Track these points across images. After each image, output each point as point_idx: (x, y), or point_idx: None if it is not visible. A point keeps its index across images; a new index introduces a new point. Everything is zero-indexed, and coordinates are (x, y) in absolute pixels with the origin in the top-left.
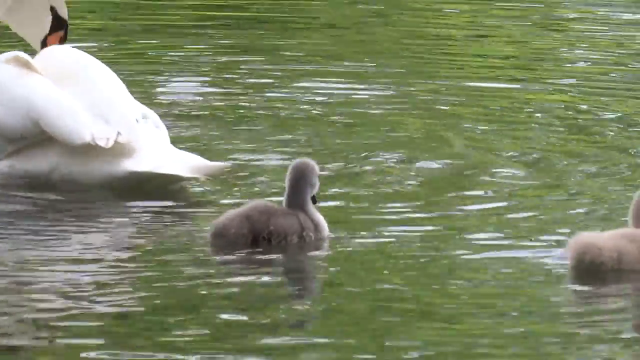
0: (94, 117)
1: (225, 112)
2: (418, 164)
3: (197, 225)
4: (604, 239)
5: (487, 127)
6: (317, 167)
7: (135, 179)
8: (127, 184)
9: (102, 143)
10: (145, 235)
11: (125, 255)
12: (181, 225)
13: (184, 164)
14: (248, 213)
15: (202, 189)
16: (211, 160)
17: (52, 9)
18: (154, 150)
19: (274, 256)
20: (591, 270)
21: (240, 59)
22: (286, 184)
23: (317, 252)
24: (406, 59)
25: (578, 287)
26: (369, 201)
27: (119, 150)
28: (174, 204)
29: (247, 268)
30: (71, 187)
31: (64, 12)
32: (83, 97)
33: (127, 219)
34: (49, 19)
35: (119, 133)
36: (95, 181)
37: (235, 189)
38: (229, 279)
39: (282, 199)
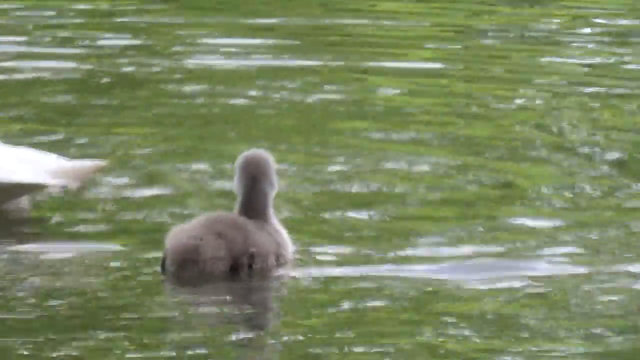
0: None
1: (69, 86)
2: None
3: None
4: None
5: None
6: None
7: None
8: None
9: None
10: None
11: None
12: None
13: (42, 167)
14: (220, 230)
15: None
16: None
17: None
18: None
19: (255, 288)
20: None
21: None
22: (239, 185)
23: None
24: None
25: None
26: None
27: None
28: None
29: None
30: None
31: None
32: None
33: None
34: None
35: None
36: None
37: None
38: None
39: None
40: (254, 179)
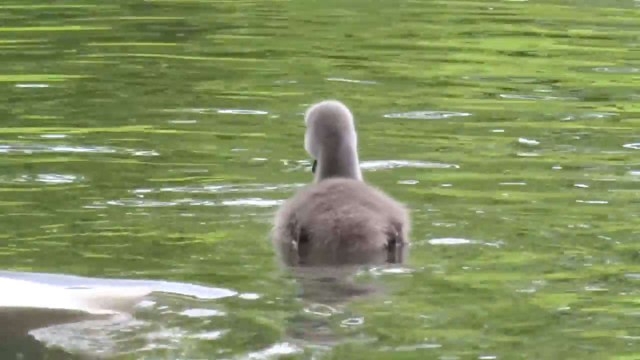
0: None
1: None
2: None
3: None
4: None
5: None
6: None
7: None
8: None
9: None
10: None
11: None
12: None
13: (77, 294)
14: (365, 199)
15: None
16: None
17: None
18: None
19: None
20: None
21: None
22: (315, 143)
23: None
24: None
25: None
26: None
27: None
28: None
29: None
30: None
31: None
32: None
33: None
34: None
35: None
36: None
37: None
38: None
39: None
40: (336, 135)
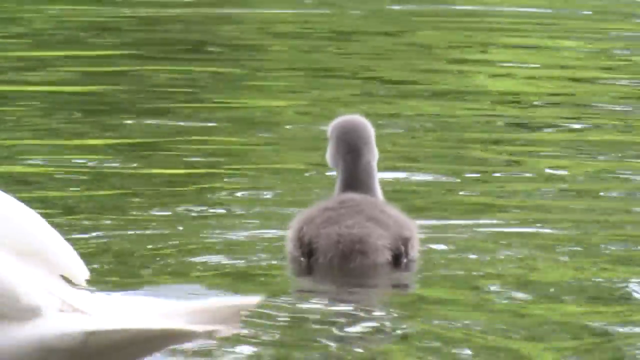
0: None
1: None
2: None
3: None
4: None
5: None
6: None
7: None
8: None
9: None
10: None
11: None
12: None
13: (174, 311)
14: (371, 215)
15: None
16: None
17: None
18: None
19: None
20: None
21: None
22: (336, 156)
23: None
24: None
25: None
26: None
27: None
28: None
29: None
30: None
31: None
32: None
33: None
34: None
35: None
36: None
37: None
38: None
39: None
40: (356, 151)
